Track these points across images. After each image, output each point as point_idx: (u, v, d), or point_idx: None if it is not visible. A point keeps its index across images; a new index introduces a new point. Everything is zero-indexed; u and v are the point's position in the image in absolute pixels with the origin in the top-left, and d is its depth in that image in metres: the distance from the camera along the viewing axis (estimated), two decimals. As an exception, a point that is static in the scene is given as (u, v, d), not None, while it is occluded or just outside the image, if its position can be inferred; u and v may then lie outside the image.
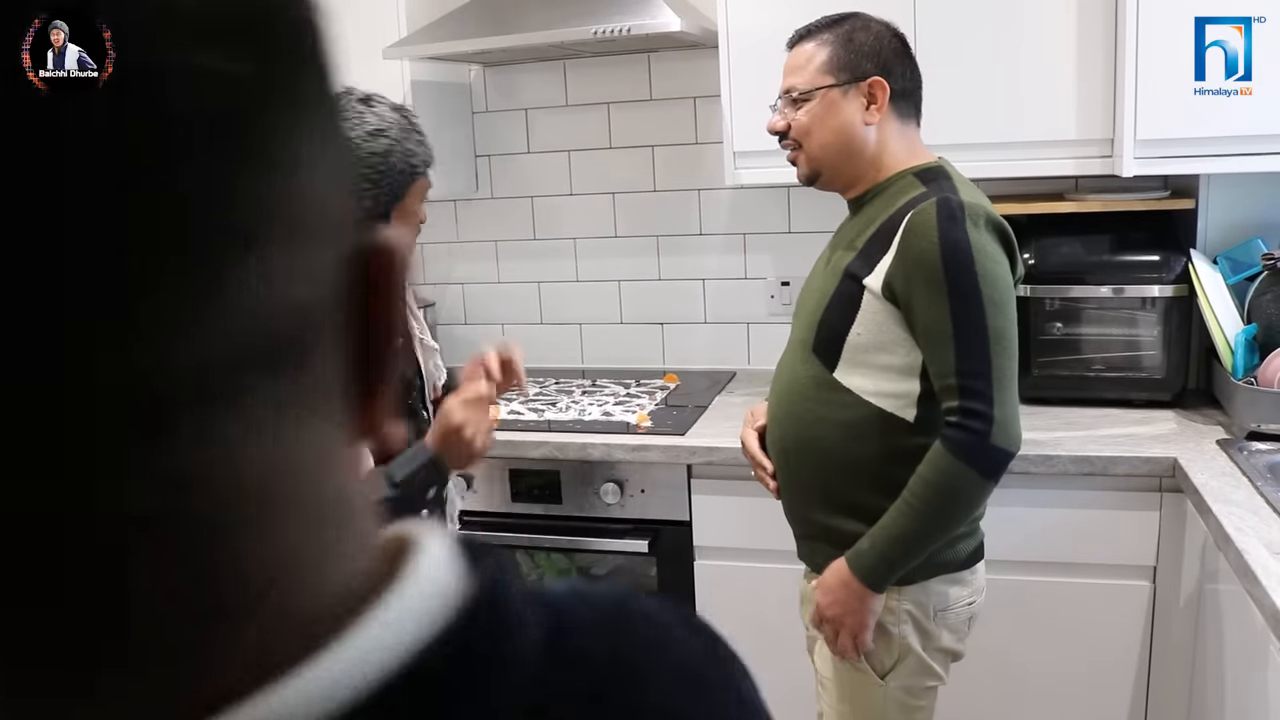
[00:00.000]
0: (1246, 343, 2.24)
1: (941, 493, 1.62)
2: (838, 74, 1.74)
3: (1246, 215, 2.48)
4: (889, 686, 1.75)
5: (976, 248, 1.59)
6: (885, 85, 1.72)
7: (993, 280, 1.60)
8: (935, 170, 1.73)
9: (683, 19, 2.44)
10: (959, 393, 1.60)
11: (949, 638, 1.77)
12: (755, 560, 2.41)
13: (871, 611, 1.70)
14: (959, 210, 1.61)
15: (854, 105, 1.74)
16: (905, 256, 1.63)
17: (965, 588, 1.77)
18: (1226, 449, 2.13)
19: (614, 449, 2.45)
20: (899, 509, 1.65)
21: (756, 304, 3.06)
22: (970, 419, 1.59)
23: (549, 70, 3.10)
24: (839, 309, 1.72)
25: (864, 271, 1.69)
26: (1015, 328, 1.64)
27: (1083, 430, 2.30)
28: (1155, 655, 2.21)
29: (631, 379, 3.02)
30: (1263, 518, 1.78)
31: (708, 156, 2.96)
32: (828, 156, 1.78)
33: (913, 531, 1.65)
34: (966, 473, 1.60)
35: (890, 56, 1.75)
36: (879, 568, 1.67)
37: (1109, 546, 2.18)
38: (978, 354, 1.59)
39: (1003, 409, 1.59)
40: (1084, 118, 2.34)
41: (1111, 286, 2.42)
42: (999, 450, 1.60)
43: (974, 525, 1.78)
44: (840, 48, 1.75)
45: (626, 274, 3.16)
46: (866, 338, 1.69)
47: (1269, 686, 1.58)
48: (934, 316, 1.61)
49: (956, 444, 1.61)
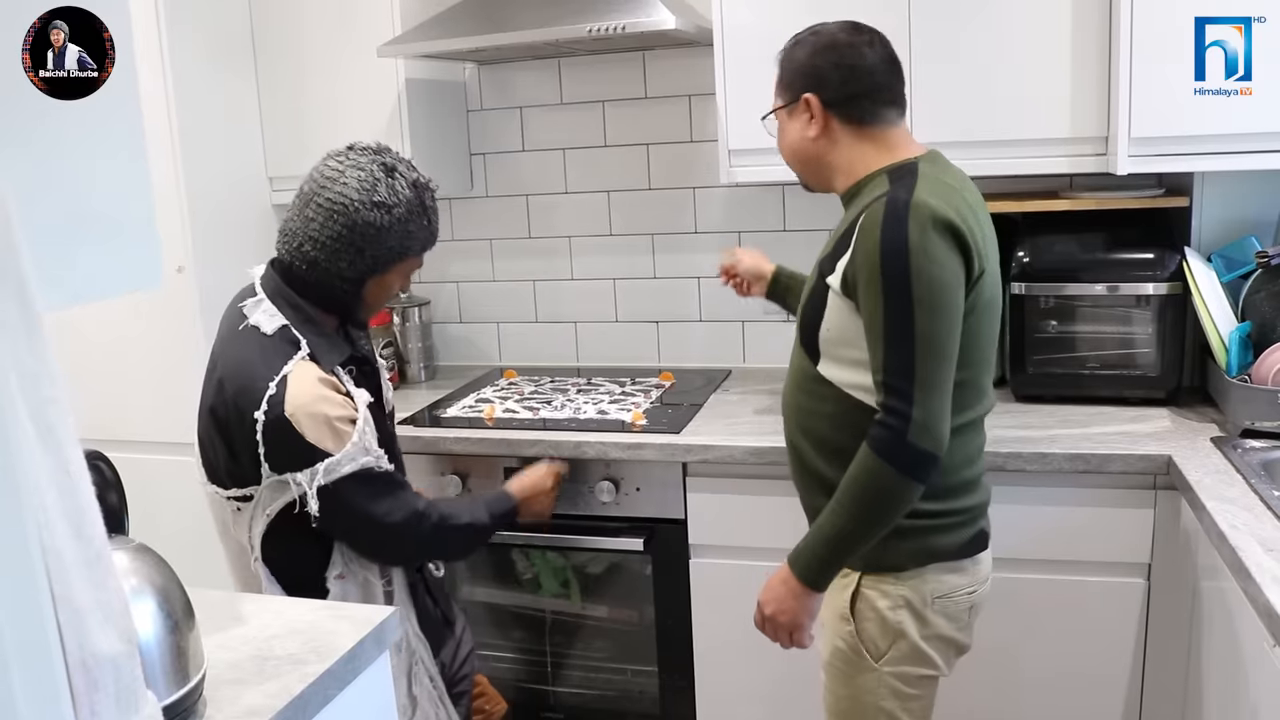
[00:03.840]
0: (1241, 340, 2.24)
1: (865, 489, 1.66)
2: (783, 95, 1.83)
3: (1241, 213, 2.49)
4: (882, 671, 1.77)
5: (915, 248, 1.60)
6: (816, 100, 1.76)
7: (927, 281, 1.60)
8: (906, 167, 1.73)
9: (678, 17, 2.44)
10: (883, 390, 1.64)
11: (947, 625, 1.78)
12: (750, 558, 2.40)
13: (808, 610, 1.76)
14: (903, 209, 1.62)
15: (799, 123, 1.80)
16: (855, 255, 1.66)
17: (964, 576, 1.79)
18: (1221, 446, 2.13)
19: (609, 447, 2.45)
20: (830, 508, 1.70)
21: (751, 302, 3.04)
22: (890, 416, 1.63)
23: (544, 68, 3.10)
24: (813, 306, 1.77)
25: (829, 270, 1.73)
26: (950, 330, 1.64)
27: (1077, 428, 2.30)
28: (1150, 652, 2.21)
29: (626, 377, 3.02)
30: (1257, 515, 1.78)
31: (703, 154, 2.96)
32: (798, 169, 1.89)
33: (842, 530, 1.68)
34: (886, 470, 1.63)
35: (823, 67, 1.76)
36: (813, 565, 1.73)
37: (1104, 544, 2.19)
38: (903, 354, 1.61)
39: (923, 409, 1.61)
40: (1078, 116, 2.34)
41: (1106, 284, 2.42)
42: (917, 449, 1.62)
43: (971, 514, 1.79)
44: (782, 69, 1.83)
45: (621, 272, 3.16)
46: (834, 333, 1.73)
47: (1263, 682, 1.58)
48: (870, 314, 1.64)
49: (877, 441, 1.64)
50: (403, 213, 1.84)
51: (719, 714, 2.54)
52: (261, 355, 1.80)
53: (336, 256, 1.83)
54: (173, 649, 1.19)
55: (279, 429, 1.75)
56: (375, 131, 2.86)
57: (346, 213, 1.81)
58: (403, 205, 1.84)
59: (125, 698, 0.93)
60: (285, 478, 1.78)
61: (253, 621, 1.49)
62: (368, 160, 1.84)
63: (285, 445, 1.76)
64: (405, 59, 2.82)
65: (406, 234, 1.86)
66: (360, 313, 1.95)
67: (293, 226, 1.86)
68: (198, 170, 2.74)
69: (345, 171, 1.82)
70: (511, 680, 2.79)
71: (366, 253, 1.84)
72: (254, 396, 1.76)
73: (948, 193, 1.68)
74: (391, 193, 1.83)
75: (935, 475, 1.66)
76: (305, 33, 2.88)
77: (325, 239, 1.82)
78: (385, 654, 1.49)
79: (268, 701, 1.26)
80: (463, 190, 3.21)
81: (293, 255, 1.86)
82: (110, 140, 1.05)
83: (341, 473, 1.78)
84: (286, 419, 1.75)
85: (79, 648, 0.88)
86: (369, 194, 1.81)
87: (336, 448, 1.77)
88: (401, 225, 1.84)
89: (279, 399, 1.75)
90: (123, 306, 2.68)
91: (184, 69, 2.69)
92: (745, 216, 3.01)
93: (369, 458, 1.81)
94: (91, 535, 0.90)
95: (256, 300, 1.87)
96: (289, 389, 1.75)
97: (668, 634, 2.55)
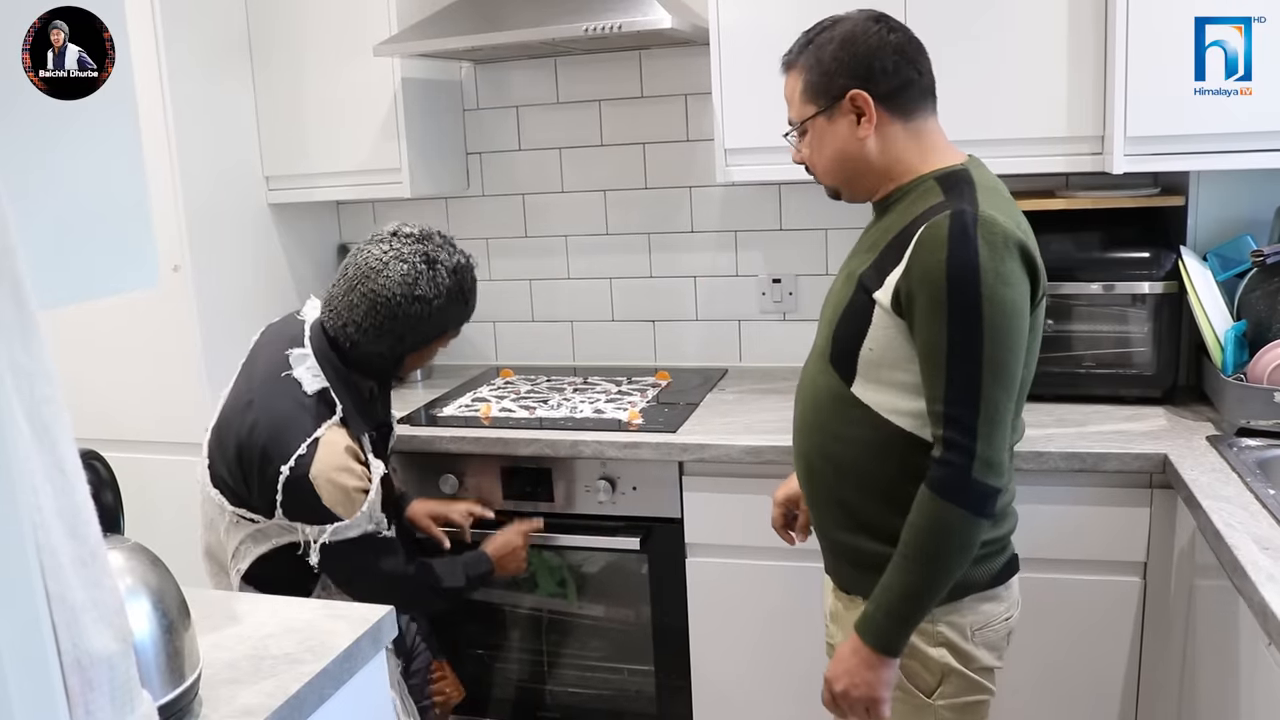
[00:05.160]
0: (1236, 339, 2.25)
1: (933, 537, 1.53)
2: (817, 100, 1.65)
3: (1236, 212, 2.49)
4: (936, 705, 1.67)
5: (986, 269, 1.48)
6: (866, 95, 1.61)
7: (999, 305, 1.49)
8: (958, 175, 1.61)
9: (674, 16, 2.44)
10: (944, 421, 1.52)
11: (988, 656, 1.68)
12: (747, 557, 2.41)
13: (884, 681, 1.59)
14: (973, 225, 1.50)
15: (843, 126, 1.64)
16: (913, 271, 1.52)
17: (1001, 604, 1.69)
18: (1216, 445, 2.14)
19: (605, 446, 2.45)
20: (896, 564, 1.56)
21: (748, 301, 3.06)
22: (951, 451, 1.51)
23: (540, 67, 3.10)
24: (852, 321, 1.63)
25: (875, 284, 1.59)
26: (1018, 357, 1.53)
27: (1073, 427, 2.31)
28: (1146, 650, 2.21)
29: (623, 376, 3.02)
30: (1252, 513, 1.79)
31: (699, 154, 2.96)
32: (839, 179, 1.71)
33: (914, 584, 1.55)
34: (953, 512, 1.51)
35: (865, 58, 1.61)
36: (888, 628, 1.57)
37: (1100, 542, 2.19)
38: (968, 383, 1.49)
39: (987, 443, 1.50)
40: (1074, 115, 2.34)
41: (1102, 283, 2.43)
42: (982, 484, 1.51)
43: (1003, 542, 1.71)
44: (812, 72, 1.65)
45: (618, 271, 3.16)
46: (878, 353, 1.60)
47: (1259, 680, 1.58)
48: (931, 337, 1.51)
49: (939, 483, 1.52)
50: (443, 303, 1.99)
51: (716, 713, 2.54)
52: (299, 413, 1.94)
53: (378, 341, 1.99)
54: (168, 648, 1.19)
55: (300, 488, 1.90)
56: (371, 130, 2.86)
57: (389, 306, 1.95)
58: (443, 296, 1.99)
59: (120, 697, 0.93)
60: (295, 525, 1.94)
61: (248, 621, 1.49)
62: (410, 251, 1.97)
63: (303, 502, 1.91)
64: (401, 58, 2.82)
65: (445, 319, 2.02)
66: (396, 377, 2.17)
67: (338, 306, 2.01)
68: (194, 169, 2.73)
69: (389, 264, 1.96)
70: (508, 679, 2.79)
71: (407, 339, 2.00)
72: (284, 450, 1.90)
73: (1010, 207, 1.60)
74: (432, 285, 1.97)
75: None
76: (301, 32, 2.87)
77: (368, 326, 1.98)
78: (382, 653, 1.49)
79: (264, 701, 1.26)
80: (458, 189, 3.21)
81: (337, 332, 2.01)
82: (106, 140, 1.05)
83: (347, 536, 1.95)
84: (309, 481, 1.90)
85: (74, 647, 0.88)
86: (410, 288, 1.95)
87: (348, 514, 1.93)
88: (441, 314, 2.00)
89: (306, 460, 1.89)
90: (119, 306, 2.68)
91: (180, 68, 2.69)
92: (741, 216, 3.02)
93: (372, 525, 1.99)
94: (86, 534, 0.90)
95: (303, 354, 2.00)
96: (318, 453, 1.91)
97: (664, 633, 2.55)
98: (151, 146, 2.66)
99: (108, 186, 1.05)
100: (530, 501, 2.55)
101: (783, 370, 2.90)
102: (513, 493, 2.56)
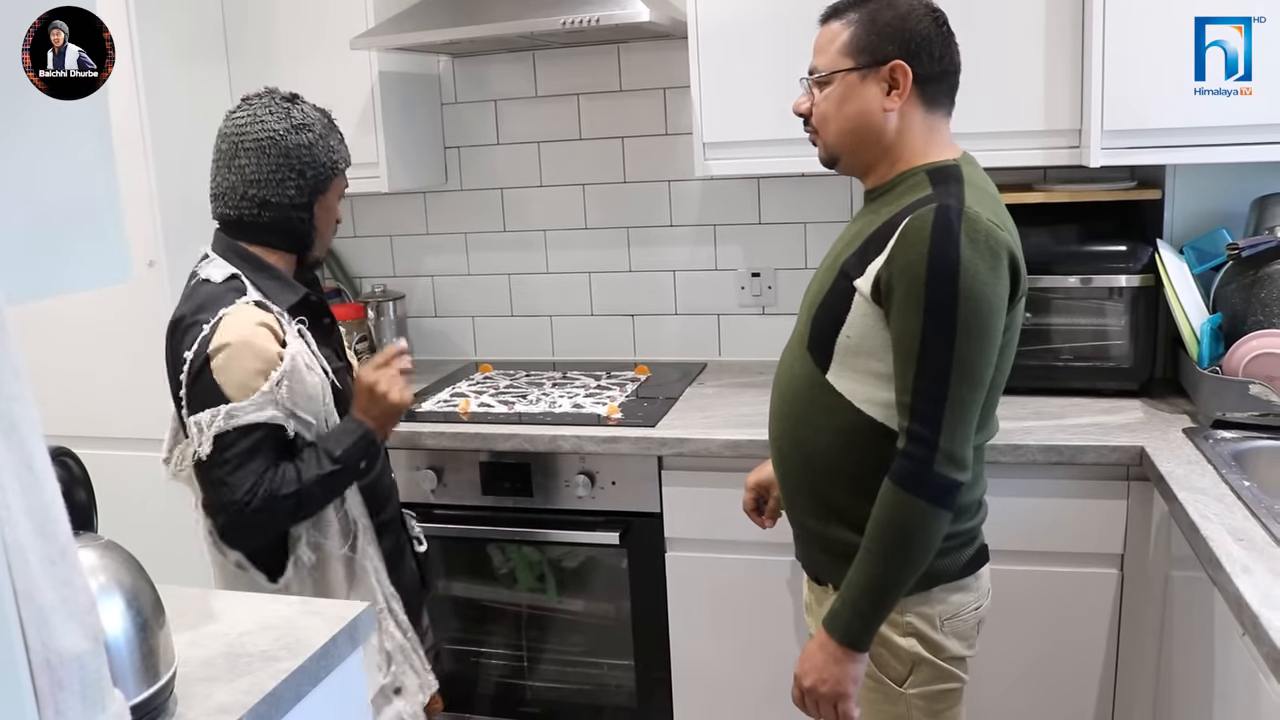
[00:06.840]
0: (1212, 332, 2.26)
1: (895, 531, 1.54)
2: (857, 56, 1.63)
3: (1212, 205, 2.50)
4: (909, 694, 1.69)
5: (966, 265, 1.49)
6: (908, 70, 1.60)
7: (976, 302, 1.49)
8: (948, 170, 1.62)
9: (652, 10, 2.43)
10: (910, 413, 1.53)
11: (958, 645, 1.69)
12: (726, 551, 2.41)
13: (851, 676, 1.60)
14: (957, 221, 1.50)
15: (873, 91, 1.63)
16: (894, 261, 1.53)
17: (970, 594, 1.70)
18: (1192, 437, 2.15)
19: (585, 441, 2.44)
20: (860, 558, 1.58)
21: (727, 295, 3.06)
22: (914, 444, 1.52)
23: (518, 61, 3.08)
24: (832, 307, 1.64)
25: (857, 271, 1.60)
26: (989, 355, 1.54)
27: (1051, 419, 2.32)
28: (1123, 641, 2.23)
29: (602, 371, 3.02)
30: (1227, 505, 1.80)
31: (678, 148, 2.96)
32: (844, 143, 1.69)
33: (878, 578, 1.56)
34: (914, 504, 1.52)
35: (918, 38, 1.61)
36: (854, 623, 1.58)
37: (1077, 534, 2.20)
38: (937, 378, 1.50)
39: (950, 437, 1.51)
40: (1052, 108, 2.35)
41: (1079, 276, 2.43)
42: (943, 477, 1.52)
43: (972, 534, 1.72)
44: (863, 28, 1.63)
45: (597, 265, 3.15)
46: (855, 341, 1.61)
47: (1234, 670, 1.59)
48: (905, 329, 1.52)
49: (900, 475, 1.53)
50: (321, 129, 1.92)
51: (696, 707, 2.54)
52: (207, 301, 1.82)
53: (283, 186, 1.88)
54: (142, 646, 1.18)
55: (201, 374, 1.75)
56: (349, 124, 2.83)
57: (276, 143, 1.86)
58: (318, 123, 1.92)
59: (91, 696, 0.92)
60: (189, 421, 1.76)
61: (225, 618, 1.48)
62: (268, 99, 1.92)
63: (204, 387, 1.75)
64: (378, 51, 2.80)
65: (330, 148, 1.93)
66: (315, 243, 1.97)
67: (227, 183, 1.90)
68: (168, 164, 2.71)
69: (256, 115, 1.89)
70: (488, 675, 2.78)
71: (307, 174, 1.89)
72: (190, 337, 1.78)
73: (995, 205, 1.61)
74: (304, 115, 1.91)
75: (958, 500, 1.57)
76: (277, 25, 2.85)
77: (266, 176, 1.87)
78: (358, 650, 1.49)
79: (240, 698, 1.25)
80: (437, 184, 3.19)
81: (238, 208, 1.89)
82: (78, 135, 1.03)
83: (243, 420, 1.73)
84: (206, 356, 1.75)
85: (43, 646, 0.87)
86: (286, 121, 1.88)
87: (240, 396, 1.73)
88: (324, 140, 1.92)
89: (208, 338, 1.76)
90: (93, 301, 2.65)
91: (155, 63, 2.66)
92: (720, 210, 3.01)
93: (281, 414, 1.76)
94: (55, 532, 0.89)
95: (208, 260, 1.91)
96: (220, 327, 1.76)
97: (644, 627, 2.55)
98: (126, 141, 2.64)
99: (78, 181, 1.04)
100: (509, 496, 2.54)
101: (762, 364, 2.90)
102: (492, 488, 2.56)
